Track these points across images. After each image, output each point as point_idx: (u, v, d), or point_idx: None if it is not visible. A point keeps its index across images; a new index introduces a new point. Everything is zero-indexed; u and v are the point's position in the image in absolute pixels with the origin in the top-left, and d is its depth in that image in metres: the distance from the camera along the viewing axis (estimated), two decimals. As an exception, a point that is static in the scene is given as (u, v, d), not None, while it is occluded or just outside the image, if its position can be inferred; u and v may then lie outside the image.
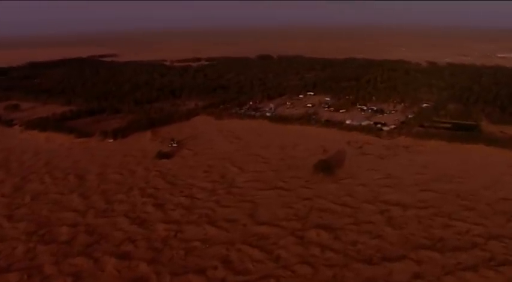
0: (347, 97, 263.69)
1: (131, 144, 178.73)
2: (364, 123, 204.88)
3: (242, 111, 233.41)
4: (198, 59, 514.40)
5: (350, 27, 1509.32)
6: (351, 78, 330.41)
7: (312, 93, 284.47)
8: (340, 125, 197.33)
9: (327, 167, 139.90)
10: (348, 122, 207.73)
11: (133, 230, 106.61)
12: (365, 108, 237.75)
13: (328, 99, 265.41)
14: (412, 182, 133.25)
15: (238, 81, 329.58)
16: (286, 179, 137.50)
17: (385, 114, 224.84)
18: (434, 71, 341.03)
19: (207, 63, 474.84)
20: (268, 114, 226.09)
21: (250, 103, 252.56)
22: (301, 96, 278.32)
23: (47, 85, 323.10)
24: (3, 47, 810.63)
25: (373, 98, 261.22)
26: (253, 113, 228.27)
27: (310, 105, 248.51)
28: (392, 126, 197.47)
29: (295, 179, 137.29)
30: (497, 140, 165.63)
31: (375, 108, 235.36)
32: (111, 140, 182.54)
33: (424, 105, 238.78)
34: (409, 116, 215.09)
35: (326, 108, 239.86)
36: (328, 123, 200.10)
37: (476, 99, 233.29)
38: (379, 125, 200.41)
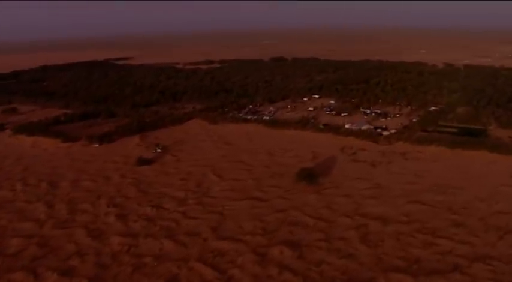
0: (352, 100, 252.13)
1: (116, 149, 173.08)
2: (364, 127, 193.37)
3: (240, 114, 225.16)
4: (211, 62, 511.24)
5: (373, 29, 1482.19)
6: (361, 81, 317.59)
7: (317, 96, 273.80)
8: (337, 130, 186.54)
9: (310, 175, 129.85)
10: (347, 126, 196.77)
11: (87, 243, 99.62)
12: (368, 111, 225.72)
13: (332, 102, 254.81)
14: (400, 193, 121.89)
15: (243, 84, 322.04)
16: (265, 188, 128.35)
17: (389, 118, 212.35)
18: (449, 73, 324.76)
19: (217, 66, 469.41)
20: (266, 118, 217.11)
21: (250, 106, 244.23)
22: (305, 99, 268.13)
23: (53, 88, 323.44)
24: (26, 50, 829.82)
25: (379, 100, 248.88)
26: (251, 116, 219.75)
27: (311, 108, 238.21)
28: (393, 131, 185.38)
29: (275, 188, 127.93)
30: (503, 146, 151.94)
31: (379, 112, 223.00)
32: (97, 145, 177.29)
33: (432, 108, 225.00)
34: (414, 120, 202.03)
35: (328, 112, 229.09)
36: (325, 128, 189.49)
37: (488, 101, 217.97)
38: (379, 130, 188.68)
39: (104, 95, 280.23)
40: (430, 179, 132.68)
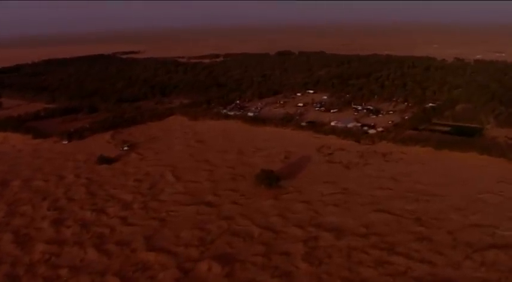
0: (347, 95, 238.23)
1: (83, 146, 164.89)
2: (350, 125, 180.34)
3: (225, 110, 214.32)
4: (216, 56, 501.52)
5: (391, 23, 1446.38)
6: (362, 75, 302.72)
7: (311, 91, 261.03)
8: (320, 128, 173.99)
9: (271, 178, 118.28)
10: (332, 123, 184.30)
11: (9, 251, 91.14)
12: (360, 108, 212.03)
13: (325, 97, 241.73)
14: (368, 200, 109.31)
15: (239, 78, 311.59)
16: (221, 191, 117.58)
17: (380, 115, 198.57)
18: (457, 68, 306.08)
19: (221, 59, 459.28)
20: (250, 114, 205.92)
21: (237, 102, 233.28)
22: (299, 94, 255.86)
23: (49, 82, 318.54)
24: (39, 44, 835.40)
25: (375, 96, 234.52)
26: (235, 112, 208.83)
27: (301, 104, 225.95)
28: (380, 129, 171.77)
29: (231, 192, 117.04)
30: (495, 148, 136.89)
31: (371, 108, 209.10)
32: (66, 142, 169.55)
33: (429, 105, 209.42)
34: (406, 118, 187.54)
35: (317, 108, 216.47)
36: (307, 126, 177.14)
37: (491, 98, 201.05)
38: (365, 128, 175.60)
39: (94, 89, 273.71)
40: (407, 183, 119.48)
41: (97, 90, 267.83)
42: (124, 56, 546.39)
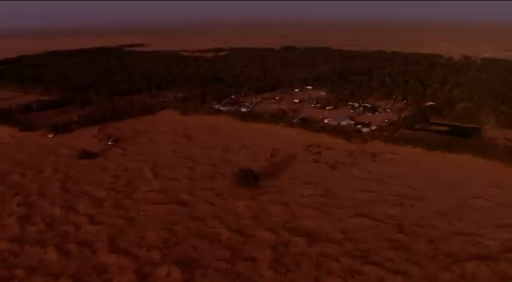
0: (345, 92, 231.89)
1: (68, 140, 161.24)
2: (344, 122, 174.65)
3: (218, 105, 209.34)
4: (221, 50, 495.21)
5: (405, 21, 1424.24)
6: (364, 72, 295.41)
7: (310, 87, 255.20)
8: (311, 125, 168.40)
9: (249, 178, 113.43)
10: (326, 121, 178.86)
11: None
12: (356, 105, 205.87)
13: (323, 94, 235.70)
14: (349, 203, 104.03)
15: (239, 73, 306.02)
16: (197, 190, 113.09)
17: (377, 113, 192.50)
18: (462, 66, 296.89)
19: (223, 54, 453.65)
20: (243, 109, 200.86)
21: (232, 97, 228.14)
22: (297, 90, 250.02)
23: (50, 74, 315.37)
24: (45, 36, 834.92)
25: (375, 93, 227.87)
26: (228, 107, 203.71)
27: (297, 100, 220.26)
28: (374, 128, 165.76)
29: (208, 191, 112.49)
30: (490, 150, 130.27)
31: (368, 106, 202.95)
32: (51, 135, 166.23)
33: (429, 103, 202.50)
34: (403, 116, 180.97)
35: (313, 105, 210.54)
36: (298, 123, 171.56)
37: (494, 97, 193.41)
38: (359, 126, 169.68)
39: (90, 82, 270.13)
40: (392, 186, 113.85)
41: (93, 83, 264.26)
42: (128, 49, 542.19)
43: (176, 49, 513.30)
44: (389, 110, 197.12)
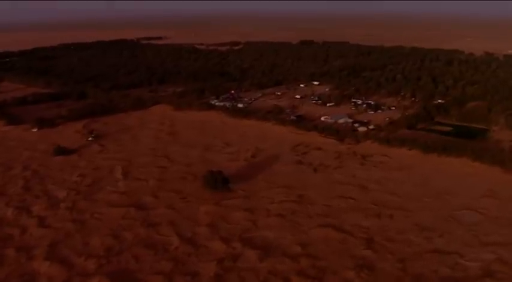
0: (352, 88, 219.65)
1: (50, 135, 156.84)
2: (341, 121, 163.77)
3: (216, 100, 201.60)
4: (237, 43, 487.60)
5: (435, 16, 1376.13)
6: (377, 67, 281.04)
7: (316, 83, 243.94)
8: (304, 123, 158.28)
9: (217, 181, 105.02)
10: (322, 118, 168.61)
11: None
12: (360, 102, 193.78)
13: (327, 90, 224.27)
14: (320, 211, 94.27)
15: (247, 67, 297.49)
16: (163, 193, 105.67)
17: (379, 111, 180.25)
18: (482, 63, 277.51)
19: (238, 47, 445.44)
20: (240, 105, 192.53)
21: (232, 92, 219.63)
22: (302, 85, 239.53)
23: (55, 67, 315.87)
24: (68, 28, 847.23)
25: (382, 90, 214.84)
26: (225, 103, 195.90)
27: (298, 96, 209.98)
28: (371, 127, 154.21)
29: (173, 194, 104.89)
30: (492, 154, 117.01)
31: (372, 103, 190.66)
32: (35, 130, 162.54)
33: (439, 101, 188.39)
34: (406, 114, 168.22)
35: (314, 101, 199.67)
36: (291, 121, 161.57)
37: (507, 96, 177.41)
38: (356, 125, 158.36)
39: (94, 75, 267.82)
40: (375, 193, 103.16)
41: (96, 76, 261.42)
42: (146, 42, 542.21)
43: (193, 42, 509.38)
44: (393, 108, 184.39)
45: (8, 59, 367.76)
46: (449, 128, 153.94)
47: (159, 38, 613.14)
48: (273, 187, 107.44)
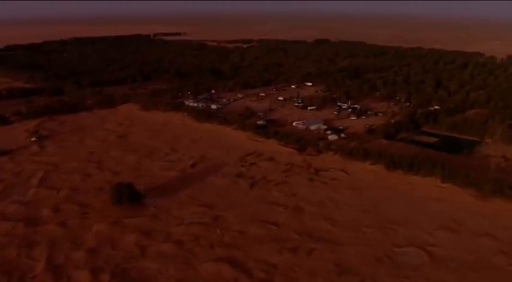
0: (344, 90, 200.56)
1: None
2: (314, 127, 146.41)
3: (190, 101, 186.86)
4: (249, 41, 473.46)
5: (472, 19, 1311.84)
6: (383, 69, 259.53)
7: (309, 84, 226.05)
8: (269, 129, 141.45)
9: (121, 195, 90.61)
10: (294, 124, 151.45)
11: None
12: (345, 106, 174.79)
13: (318, 91, 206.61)
14: (229, 240, 78.45)
15: (244, 66, 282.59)
16: (66, 205, 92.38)
17: (363, 117, 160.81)
18: (500, 67, 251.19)
19: (248, 45, 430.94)
20: (214, 107, 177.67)
21: (213, 91, 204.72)
22: (293, 86, 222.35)
23: (53, 60, 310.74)
24: (94, 22, 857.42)
25: (378, 93, 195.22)
26: (199, 104, 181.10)
27: (281, 98, 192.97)
28: (343, 135, 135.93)
29: (77, 207, 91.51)
30: (466, 173, 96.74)
31: (357, 107, 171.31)
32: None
33: (435, 107, 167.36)
34: (392, 122, 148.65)
35: (296, 104, 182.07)
36: (251, 126, 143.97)
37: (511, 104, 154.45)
38: (328, 132, 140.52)
39: (83, 70, 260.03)
40: (307, 218, 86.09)
41: (84, 71, 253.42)
42: (159, 37, 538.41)
43: (206, 39, 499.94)
44: (380, 114, 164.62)
45: (12, 52, 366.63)
46: (434, 139, 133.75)
47: (178, 34, 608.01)
48: (192, 204, 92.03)
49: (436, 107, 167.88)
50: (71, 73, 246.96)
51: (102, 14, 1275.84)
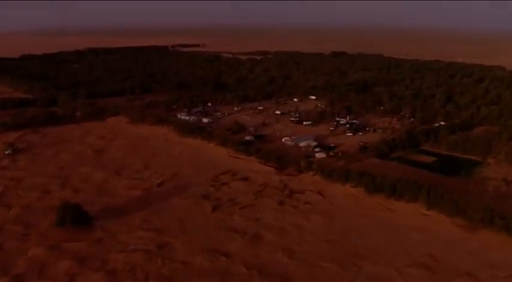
0: (347, 104, 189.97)
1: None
2: (303, 143, 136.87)
3: (183, 114, 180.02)
4: (265, 53, 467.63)
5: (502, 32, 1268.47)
6: (394, 82, 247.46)
7: (313, 97, 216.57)
8: (254, 146, 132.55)
9: (64, 217, 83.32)
10: (283, 140, 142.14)
11: None
12: (343, 121, 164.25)
13: (320, 105, 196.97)
14: (167, 273, 69.65)
15: (250, 78, 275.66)
16: (12, 226, 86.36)
17: (359, 133, 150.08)
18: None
19: (262, 57, 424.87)
20: (205, 120, 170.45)
21: (209, 104, 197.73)
22: (296, 99, 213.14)
23: (61, 71, 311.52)
24: (119, 34, 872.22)
25: (381, 107, 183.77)
26: (190, 117, 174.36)
27: (279, 112, 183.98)
28: (332, 154, 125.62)
29: (22, 228, 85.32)
30: (453, 199, 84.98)
31: (357, 123, 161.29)
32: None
33: (441, 123, 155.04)
34: (389, 139, 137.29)
35: (292, 119, 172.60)
36: (237, 142, 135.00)
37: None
38: (317, 149, 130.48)
39: (84, 80, 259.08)
40: (265, 249, 76.59)
41: (86, 82, 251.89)
42: (175, 49, 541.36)
43: (223, 50, 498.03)
44: (380, 130, 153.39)
45: (23, 62, 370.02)
46: (432, 159, 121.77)
47: (197, 45, 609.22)
48: (143, 229, 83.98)
49: (442, 123, 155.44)
50: (73, 84, 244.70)
51: (137, 27, 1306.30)
